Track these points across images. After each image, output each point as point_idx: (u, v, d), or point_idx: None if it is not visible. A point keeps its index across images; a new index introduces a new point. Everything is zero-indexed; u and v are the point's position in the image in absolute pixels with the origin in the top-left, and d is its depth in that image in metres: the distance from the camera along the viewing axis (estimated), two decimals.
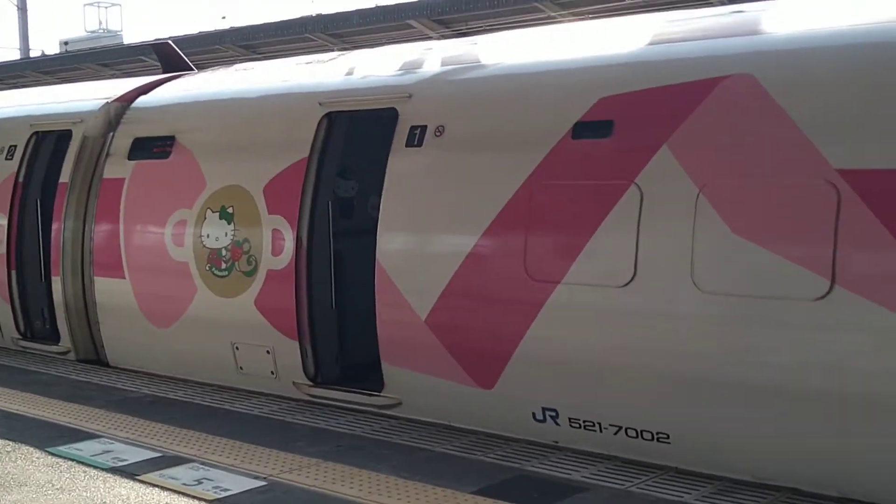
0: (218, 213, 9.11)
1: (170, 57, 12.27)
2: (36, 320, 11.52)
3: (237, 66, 11.09)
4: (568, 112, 7.04)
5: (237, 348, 9.03)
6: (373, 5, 29.37)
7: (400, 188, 7.89)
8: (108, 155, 10.37)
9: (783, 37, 6.54)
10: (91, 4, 53.36)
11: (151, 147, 9.96)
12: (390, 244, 7.88)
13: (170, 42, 12.59)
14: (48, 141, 11.50)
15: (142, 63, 31.13)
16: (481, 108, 7.66)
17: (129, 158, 10.10)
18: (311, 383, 8.58)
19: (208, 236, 9.16)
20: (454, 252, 7.43)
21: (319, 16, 31.96)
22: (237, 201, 8.98)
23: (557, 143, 7.02)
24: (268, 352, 8.77)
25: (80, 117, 10.85)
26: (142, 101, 10.53)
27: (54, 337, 11.03)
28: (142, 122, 10.27)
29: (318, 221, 8.57)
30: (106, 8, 53.40)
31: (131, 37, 50.19)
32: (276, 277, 8.63)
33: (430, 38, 24.99)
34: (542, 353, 6.98)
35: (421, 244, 7.78)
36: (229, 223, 9.01)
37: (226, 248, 9.01)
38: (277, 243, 8.63)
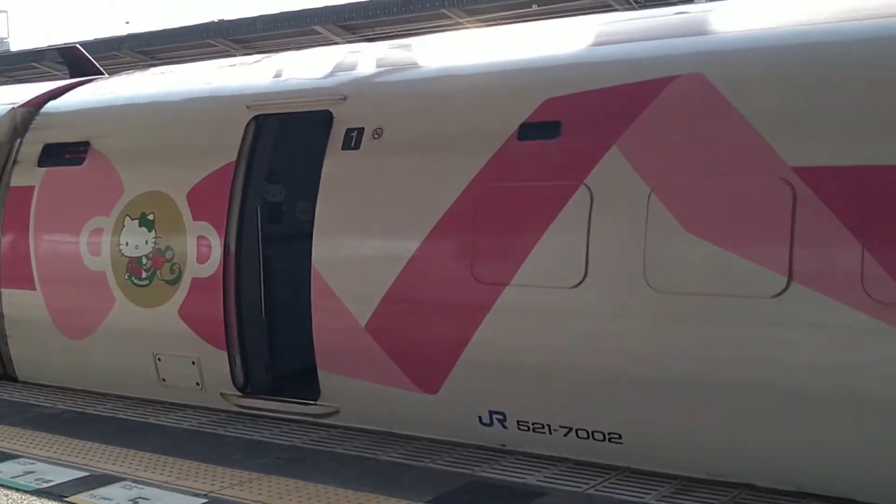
0: (137, 221, 8.76)
1: (78, 61, 11.81)
2: None
3: (154, 69, 10.71)
4: (513, 113, 6.97)
5: (159, 359, 8.69)
6: (278, 11, 28.68)
7: (336, 192, 7.70)
8: (14, 162, 9.88)
9: (732, 36, 6.60)
10: None
11: (63, 153, 9.54)
12: (327, 249, 7.68)
13: (78, 46, 12.12)
14: None
15: (34, 70, 30.01)
16: (422, 110, 7.53)
17: (39, 165, 9.65)
18: (240, 394, 8.30)
19: (127, 244, 8.80)
20: (395, 256, 7.28)
21: (222, 21, 31.36)
22: (158, 208, 8.65)
23: (503, 145, 6.94)
24: (193, 362, 8.45)
25: None
26: (52, 105, 10.08)
27: None
28: (52, 127, 9.82)
29: (247, 227, 8.32)
30: None
31: (18, 44, 48.47)
32: (202, 286, 8.34)
33: (336, 44, 24.74)
34: (490, 356, 6.89)
35: (360, 248, 7.60)
36: (150, 230, 8.67)
37: (146, 256, 8.66)
38: (203, 250, 8.33)
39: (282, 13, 27.65)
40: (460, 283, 6.98)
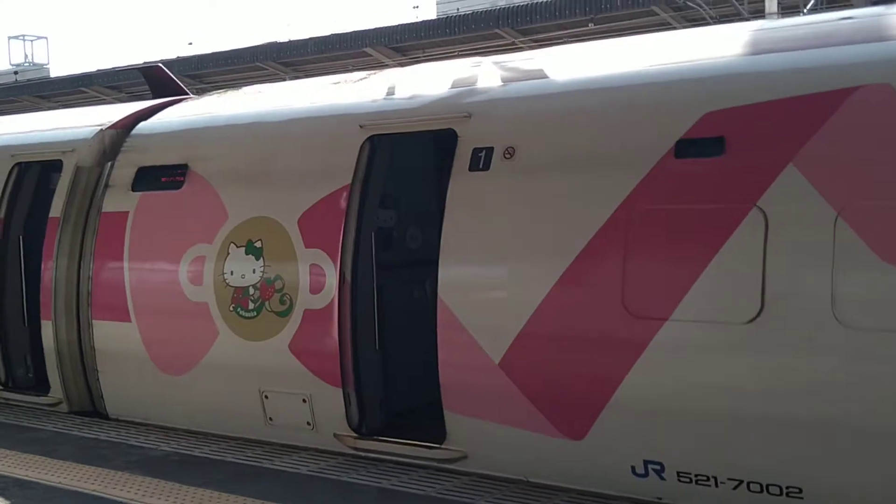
0: (244, 248, 8.22)
1: (161, 80, 11.38)
2: (19, 368, 10.46)
3: (247, 88, 10.21)
4: (668, 128, 6.33)
5: (266, 397, 8.12)
6: (328, 33, 28.64)
7: (464, 215, 7.10)
8: (106, 186, 9.40)
9: None
10: (16, 38, 51.85)
11: (159, 177, 9.04)
12: (455, 278, 7.07)
13: (160, 65, 11.67)
14: (31, 173, 10.51)
15: (82, 94, 29.88)
16: (559, 127, 6.91)
17: (134, 190, 9.16)
18: (355, 435, 7.69)
19: (232, 273, 8.26)
20: (535, 286, 6.66)
21: (272, 44, 31.07)
22: (267, 234, 8.11)
23: (657, 164, 6.30)
24: (304, 400, 7.88)
25: (70, 146, 9.88)
26: (144, 127, 9.61)
27: (41, 387, 9.98)
28: (146, 150, 9.33)
29: (362, 255, 7.74)
30: (31, 41, 51.97)
31: (58, 70, 48.83)
32: (316, 318, 7.77)
33: (386, 65, 24.36)
34: (646, 398, 6.23)
35: (493, 277, 6.98)
36: (258, 259, 8.12)
37: (254, 286, 8.11)
38: (316, 280, 7.76)
39: (333, 35, 27.28)
40: (610, 317, 6.34)
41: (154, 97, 11.38)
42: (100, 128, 9.88)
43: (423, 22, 28.81)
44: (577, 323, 6.53)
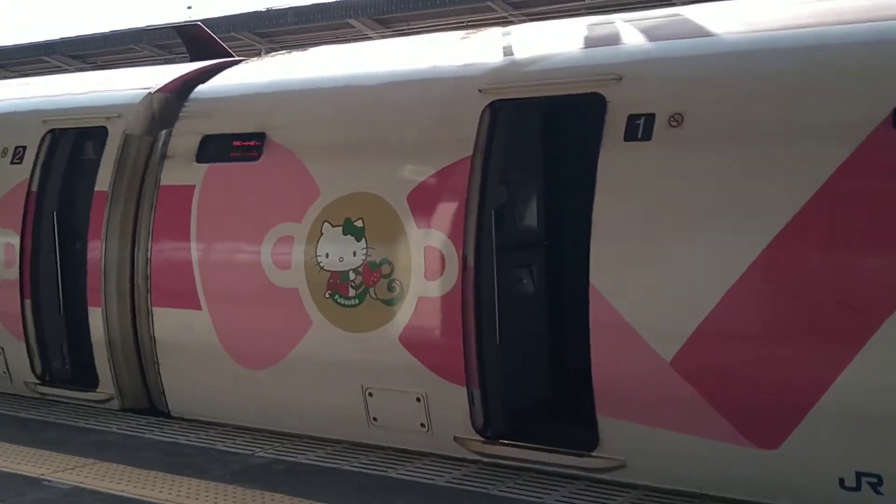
0: (341, 228, 7.27)
1: (202, 41, 10.28)
2: (55, 360, 9.42)
3: (325, 47, 9.17)
4: (884, 94, 5.50)
5: (370, 395, 7.22)
6: (309, 3, 27.15)
7: (622, 193, 6.23)
8: (164, 157, 8.36)
9: None
10: None
11: (229, 147, 8.04)
12: (613, 265, 6.21)
13: (200, 24, 10.58)
14: (65, 140, 9.42)
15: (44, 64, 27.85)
16: (742, 91, 6.03)
17: (199, 161, 8.14)
18: (482, 439, 6.83)
19: (327, 256, 7.31)
20: (718, 273, 5.82)
21: (251, 13, 29.63)
22: (369, 213, 7.17)
23: (870, 135, 5.47)
24: (418, 399, 6.99)
25: (115, 111, 8.81)
26: (205, 90, 8.56)
27: (85, 381, 8.97)
28: (211, 116, 8.31)
29: (484, 237, 6.84)
30: None
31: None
32: (433, 307, 6.87)
33: (370, 38, 23.25)
34: (862, 402, 5.44)
35: (663, 265, 6.12)
36: (359, 240, 7.19)
37: (355, 270, 7.18)
38: (433, 264, 6.86)
39: (314, 5, 25.83)
40: (818, 310, 5.53)
41: (193, 59, 10.31)
42: (147, 91, 8.81)
43: None
44: (774, 316, 5.71)
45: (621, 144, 6.24)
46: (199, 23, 10.60)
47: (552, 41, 7.09)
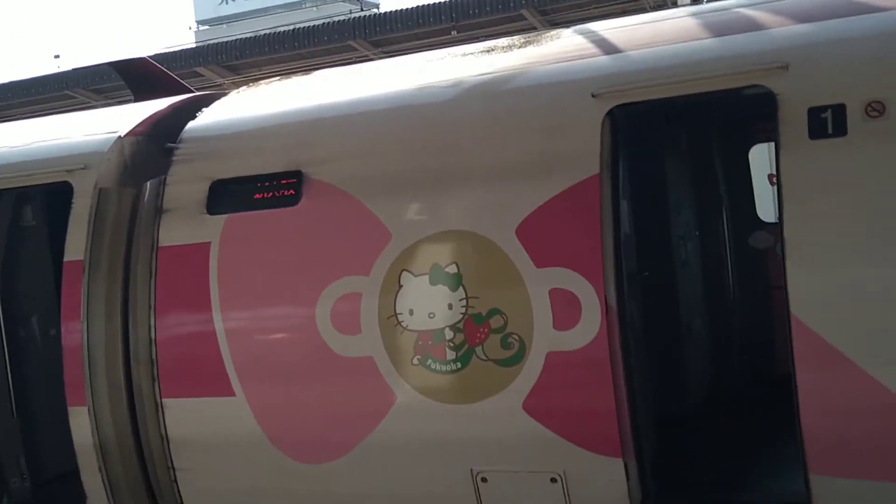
0: (426, 277, 5.90)
1: (151, 77, 8.69)
2: (13, 478, 7.54)
3: (334, 69, 7.74)
4: None
5: (483, 480, 5.83)
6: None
7: (818, 200, 5.16)
8: (160, 212, 6.75)
9: None
10: None
11: (251, 191, 6.53)
12: (814, 286, 5.10)
13: (146, 58, 8.96)
14: (5, 203, 7.65)
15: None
16: None
17: (211, 212, 6.58)
18: None
19: (412, 313, 5.91)
20: None
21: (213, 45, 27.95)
22: (465, 255, 5.84)
23: None
24: (553, 479, 5.65)
25: (80, 162, 7.11)
26: (199, 128, 7.02)
27: (60, 501, 7.16)
28: (218, 157, 6.78)
29: (623, 272, 5.64)
30: None
31: None
32: (570, 362, 5.58)
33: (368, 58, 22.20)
34: None
35: (882, 282, 5.05)
36: (454, 289, 5.82)
37: (453, 327, 5.80)
38: (563, 310, 5.58)
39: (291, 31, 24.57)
40: None
41: (138, 99, 8.70)
42: (116, 135, 7.17)
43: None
44: None
45: (806, 143, 5.18)
46: (144, 57, 8.95)
47: (666, 34, 5.98)
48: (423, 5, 26.18)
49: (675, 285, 7.57)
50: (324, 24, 27.47)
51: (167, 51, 28.22)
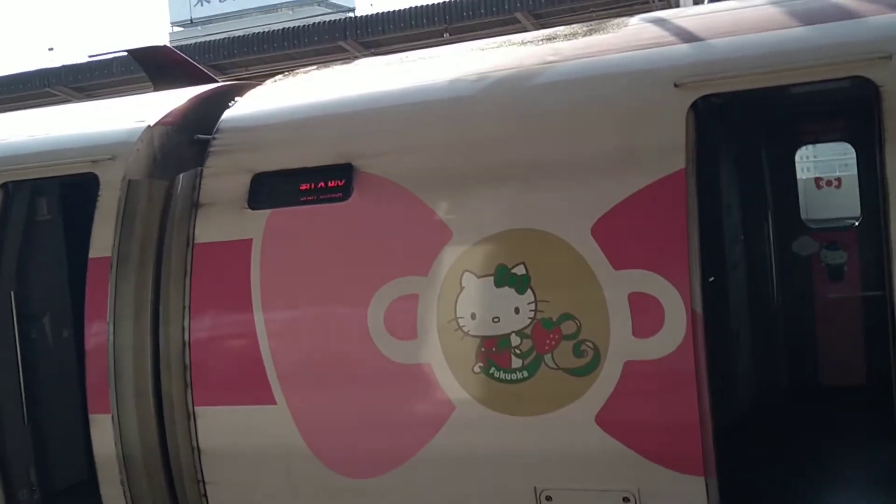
0: (491, 279, 5.50)
1: (173, 65, 8.25)
2: (21, 489, 7.06)
3: (373, 59, 7.31)
4: None
5: (548, 498, 5.44)
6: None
7: None
8: (196, 206, 6.32)
9: None
10: None
11: (297, 185, 6.11)
12: None
13: (168, 46, 8.52)
14: (21, 197, 7.19)
15: None
16: None
17: (253, 207, 6.15)
18: None
19: (474, 317, 5.52)
20: None
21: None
22: (534, 255, 5.44)
23: None
24: (627, 499, 5.27)
25: (107, 152, 6.67)
26: (237, 117, 6.59)
27: None
28: (261, 148, 6.35)
29: (708, 275, 5.28)
30: None
31: None
32: (650, 373, 5.20)
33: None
34: None
35: None
36: (522, 291, 5.44)
37: (519, 332, 5.41)
38: (645, 316, 5.19)
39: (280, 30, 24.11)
40: None
41: (157, 88, 8.28)
42: (145, 125, 6.73)
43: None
44: None
45: None
46: (165, 45, 8.50)
47: (748, 22, 5.63)
48: (416, 7, 25.90)
49: (726, 289, 7.23)
50: (315, 24, 27.10)
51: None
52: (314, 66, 7.33)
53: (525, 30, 25.27)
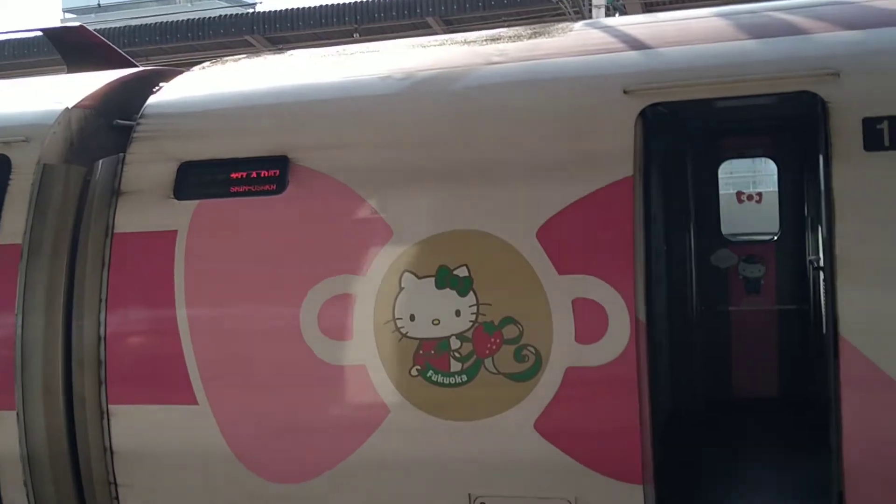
0: (432, 280, 5.35)
1: (90, 47, 7.87)
2: None
3: (311, 50, 7.06)
4: None
5: None
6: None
7: (870, 216, 4.85)
8: (116, 194, 6.01)
9: None
10: None
11: (227, 176, 5.85)
12: (870, 309, 4.79)
13: (84, 26, 8.11)
14: None
15: None
16: None
17: (179, 197, 5.87)
18: None
19: (413, 319, 5.35)
20: None
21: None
22: (477, 257, 5.31)
23: None
24: None
25: (19, 134, 6.30)
26: (165, 102, 6.29)
27: None
28: (189, 136, 6.07)
29: (653, 282, 5.23)
30: None
31: None
32: (592, 380, 5.12)
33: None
34: None
35: None
36: (463, 293, 5.30)
37: (460, 335, 5.27)
38: (588, 322, 5.11)
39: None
40: None
41: (72, 70, 7.87)
42: (63, 107, 6.38)
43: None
44: None
45: (861, 155, 4.86)
46: (82, 25, 8.08)
47: (712, 30, 5.61)
48: (327, 5, 25.61)
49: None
50: (221, 16, 26.56)
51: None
52: (243, 56, 7.05)
53: (435, 34, 25.13)
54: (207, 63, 6.96)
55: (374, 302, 5.39)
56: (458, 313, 5.27)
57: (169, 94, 6.35)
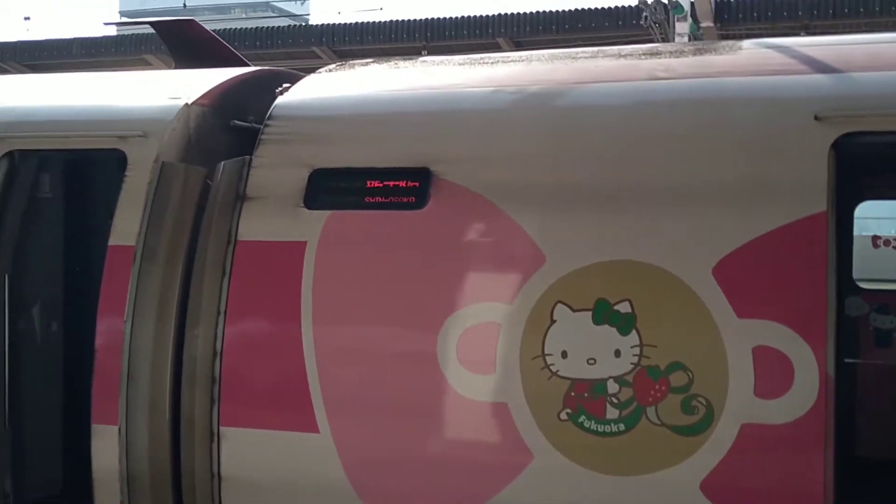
0: (589, 314, 4.85)
1: (200, 43, 7.49)
2: None
3: (450, 57, 6.60)
4: None
5: None
6: None
7: None
8: (241, 199, 5.56)
9: None
10: None
11: (363, 186, 5.39)
12: None
13: (195, 20, 7.72)
14: (27, 169, 6.36)
15: None
16: None
17: (309, 206, 5.41)
18: None
19: (565, 356, 4.85)
20: None
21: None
22: (643, 293, 4.80)
23: None
24: None
25: (137, 128, 5.89)
26: (297, 104, 5.85)
27: None
28: (324, 141, 5.62)
29: (847, 333, 4.70)
30: None
31: None
32: (771, 438, 4.59)
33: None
34: None
35: None
36: (625, 333, 4.79)
37: (619, 379, 4.76)
38: (769, 374, 4.59)
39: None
40: None
41: (179, 66, 7.51)
42: (182, 102, 5.96)
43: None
44: None
45: None
46: (193, 19, 7.70)
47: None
48: (397, 20, 25.34)
49: None
50: (290, 27, 26.49)
51: (121, 34, 26.74)
52: (371, 60, 6.61)
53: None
54: (333, 66, 6.53)
55: (521, 334, 4.89)
56: (617, 353, 4.77)
57: (298, 95, 5.92)
